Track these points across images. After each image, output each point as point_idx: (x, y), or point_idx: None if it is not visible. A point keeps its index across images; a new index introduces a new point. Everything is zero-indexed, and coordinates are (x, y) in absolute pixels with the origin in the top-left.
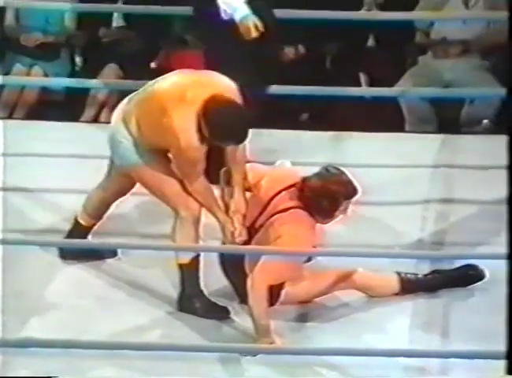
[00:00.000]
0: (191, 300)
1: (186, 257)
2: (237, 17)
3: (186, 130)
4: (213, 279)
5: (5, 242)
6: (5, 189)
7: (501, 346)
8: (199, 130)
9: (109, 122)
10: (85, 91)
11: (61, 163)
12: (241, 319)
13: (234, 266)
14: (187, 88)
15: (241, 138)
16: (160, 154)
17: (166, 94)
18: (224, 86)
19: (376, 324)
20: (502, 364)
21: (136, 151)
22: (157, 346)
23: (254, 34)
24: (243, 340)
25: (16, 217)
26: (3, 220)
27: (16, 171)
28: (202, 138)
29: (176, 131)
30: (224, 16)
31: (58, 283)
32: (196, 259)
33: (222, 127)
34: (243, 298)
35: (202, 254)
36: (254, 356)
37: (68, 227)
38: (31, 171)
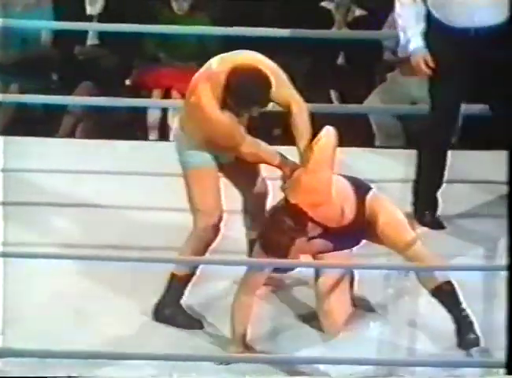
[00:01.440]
0: (167, 310)
1: (182, 270)
2: (409, 49)
3: (211, 105)
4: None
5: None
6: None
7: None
8: (225, 105)
9: (85, 138)
10: (61, 108)
11: (40, 177)
12: (214, 329)
13: None
14: (213, 67)
15: (262, 100)
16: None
17: (197, 75)
18: (247, 58)
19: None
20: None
21: (193, 153)
22: (132, 355)
23: (424, 71)
24: (217, 349)
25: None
26: None
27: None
28: (230, 111)
29: (203, 107)
30: (400, 49)
31: (36, 294)
32: (191, 274)
33: (242, 92)
34: None
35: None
36: (227, 364)
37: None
38: (14, 185)
